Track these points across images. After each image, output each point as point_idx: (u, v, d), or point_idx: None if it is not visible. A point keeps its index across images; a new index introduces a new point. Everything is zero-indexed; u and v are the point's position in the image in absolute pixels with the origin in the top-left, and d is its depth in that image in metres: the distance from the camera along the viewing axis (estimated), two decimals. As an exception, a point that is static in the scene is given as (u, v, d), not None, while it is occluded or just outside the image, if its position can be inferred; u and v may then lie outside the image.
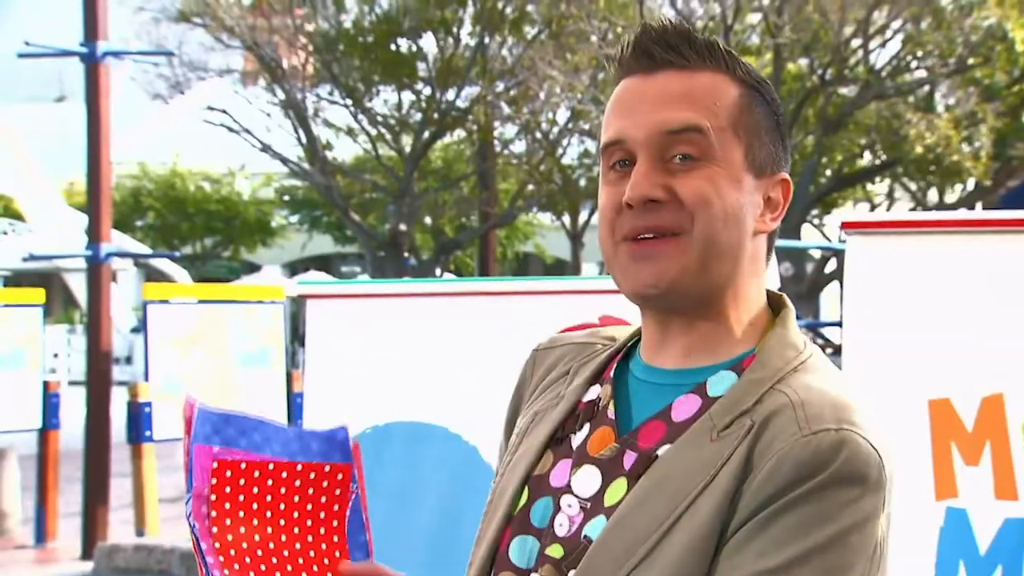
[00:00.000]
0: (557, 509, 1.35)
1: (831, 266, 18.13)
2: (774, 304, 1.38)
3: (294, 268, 31.17)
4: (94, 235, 9.61)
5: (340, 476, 1.33)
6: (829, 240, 20.99)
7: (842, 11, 16.05)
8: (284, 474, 1.31)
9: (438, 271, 20.09)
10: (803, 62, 18.14)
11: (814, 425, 1.25)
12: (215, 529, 1.31)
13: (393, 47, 18.56)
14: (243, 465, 1.31)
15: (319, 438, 1.33)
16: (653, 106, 1.33)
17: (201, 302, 8.43)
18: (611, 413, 1.36)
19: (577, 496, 1.34)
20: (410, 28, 18.42)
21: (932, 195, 20.70)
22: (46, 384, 9.13)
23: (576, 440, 1.37)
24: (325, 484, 1.32)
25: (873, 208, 21.76)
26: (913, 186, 20.75)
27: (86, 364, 9.64)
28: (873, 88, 16.96)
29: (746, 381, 1.31)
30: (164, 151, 29.42)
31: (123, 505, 9.60)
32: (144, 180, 29.19)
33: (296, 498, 1.32)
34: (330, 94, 18.94)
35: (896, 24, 17.03)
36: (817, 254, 18.68)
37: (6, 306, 8.82)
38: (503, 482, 1.39)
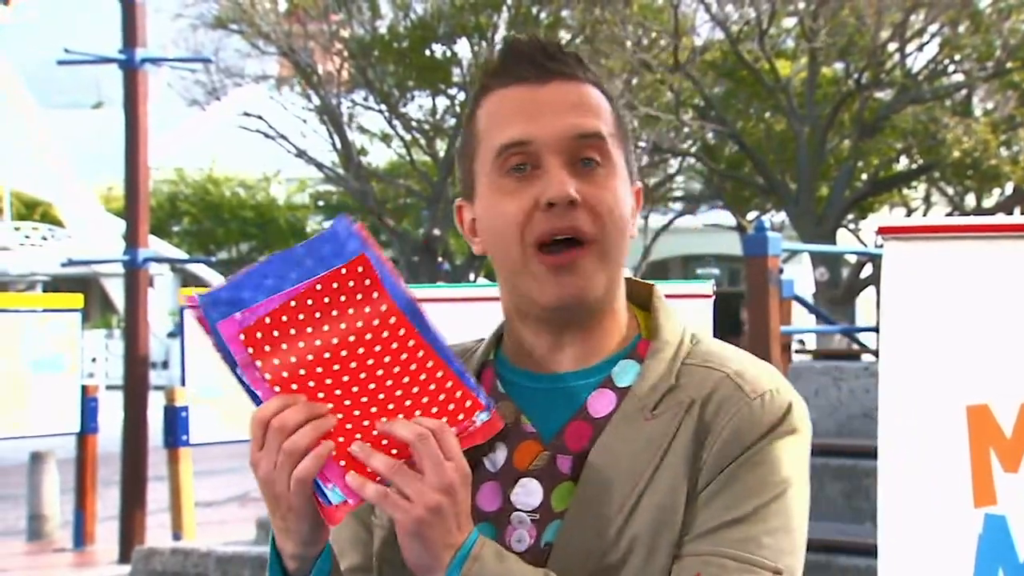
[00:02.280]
0: (504, 529, 1.36)
1: (867, 271, 18.02)
2: (639, 290, 1.44)
3: (329, 273, 31.32)
4: (132, 240, 9.69)
5: (360, 268, 1.30)
6: (865, 245, 20.86)
7: (878, 15, 15.95)
8: (309, 301, 1.29)
9: (472, 276, 20.13)
10: (839, 66, 18.05)
11: (758, 389, 1.36)
12: (268, 376, 1.28)
13: (428, 52, 18.63)
14: (267, 320, 1.28)
15: (325, 239, 1.31)
16: (557, 112, 1.36)
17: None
18: (529, 426, 1.38)
19: (523, 511, 1.36)
20: (445, 33, 18.47)
21: (970, 200, 20.53)
22: (84, 388, 9.21)
23: (494, 462, 1.38)
24: (351, 284, 1.30)
25: (910, 213, 21.62)
26: (950, 190, 20.59)
27: (123, 368, 9.72)
28: (910, 92, 16.85)
29: (655, 361, 1.38)
30: (200, 157, 29.64)
31: (160, 509, 9.67)
32: (181, 185, 29.42)
33: (334, 312, 1.29)
34: (365, 99, 19.03)
35: (933, 27, 16.91)
36: (853, 259, 18.57)
37: (45, 311, 8.91)
38: None
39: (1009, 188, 18.99)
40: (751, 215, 19.83)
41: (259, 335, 1.28)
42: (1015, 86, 17.12)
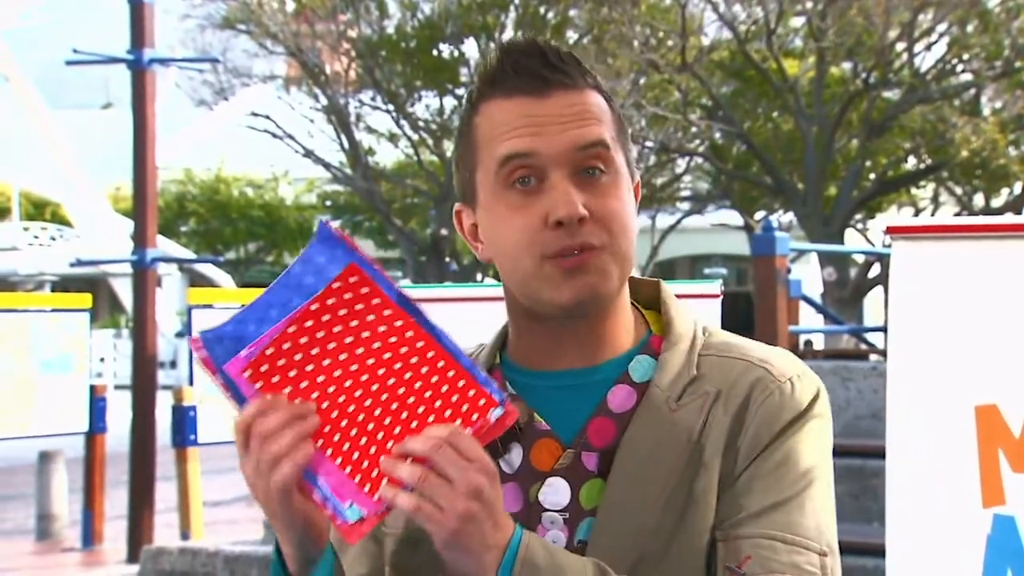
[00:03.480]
0: (536, 528, 1.36)
1: (875, 271, 17.99)
2: (644, 287, 1.46)
3: (337, 273, 31.37)
4: (140, 240, 9.70)
5: (353, 279, 1.28)
6: (873, 245, 20.84)
7: (886, 14, 15.93)
8: (308, 323, 1.27)
9: (479, 276, 20.13)
10: (847, 66, 18.02)
11: (786, 373, 1.39)
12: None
13: (435, 52, 18.64)
14: (270, 351, 1.27)
15: (315, 251, 1.29)
16: (560, 125, 1.35)
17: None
18: (543, 425, 1.38)
19: (553, 511, 1.36)
20: (452, 33, 18.48)
21: (978, 199, 20.49)
22: (93, 388, 9.22)
23: (511, 463, 1.38)
24: (348, 296, 1.28)
25: (918, 213, 21.58)
26: (959, 190, 20.56)
27: (132, 368, 9.74)
28: (918, 92, 16.83)
29: (672, 354, 1.39)
30: (208, 157, 29.69)
31: (168, 508, 9.68)
32: (189, 185, 29.48)
33: (336, 328, 1.27)
34: (372, 99, 19.05)
35: (942, 27, 16.88)
36: (861, 259, 18.54)
37: (54, 311, 8.93)
38: None
39: (1018, 188, 18.95)
40: (759, 215, 19.81)
41: (264, 368, 1.27)
42: (1023, 85, 17.08)
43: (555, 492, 1.36)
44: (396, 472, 1.24)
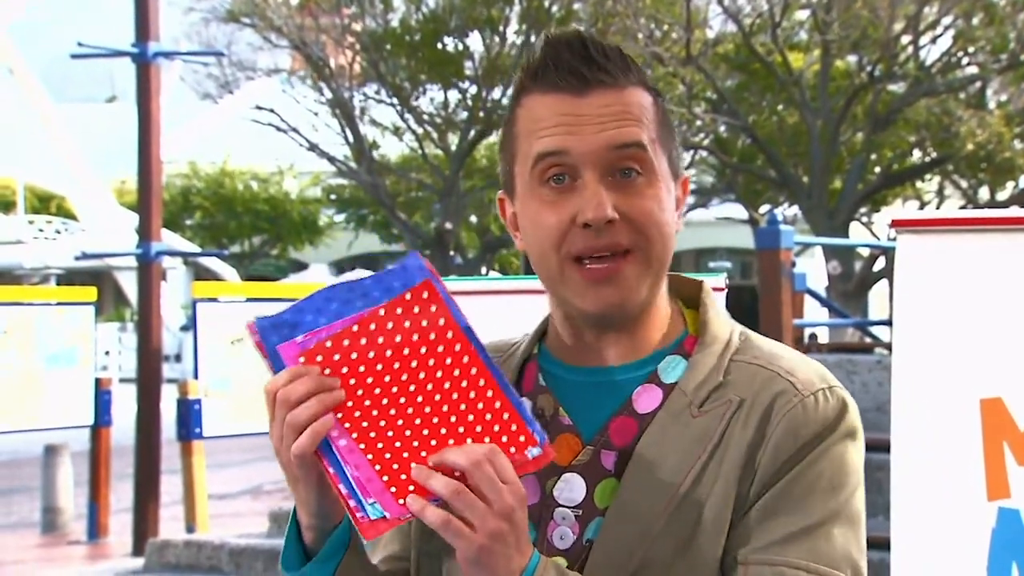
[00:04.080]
0: (546, 525, 1.36)
1: (879, 264, 17.98)
2: (687, 287, 1.44)
3: (341, 266, 31.37)
4: (145, 234, 9.72)
5: (426, 294, 1.29)
6: (877, 238, 20.81)
7: (891, 7, 15.90)
8: (372, 326, 1.27)
9: (483, 269, 20.13)
10: (852, 59, 17.99)
11: (810, 387, 1.34)
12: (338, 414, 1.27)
13: (440, 46, 18.62)
14: (328, 343, 1.27)
15: (395, 274, 1.30)
16: (596, 124, 1.34)
17: (249, 300, 8.50)
18: (566, 419, 1.38)
19: (566, 507, 1.35)
20: (457, 27, 18.47)
21: (983, 192, 20.46)
22: (98, 381, 9.24)
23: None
24: (416, 309, 1.28)
25: (923, 206, 21.56)
26: (964, 183, 20.53)
27: (137, 362, 9.75)
28: (923, 84, 16.80)
29: (702, 356, 1.37)
30: (213, 150, 29.70)
31: (173, 501, 9.70)
32: (194, 179, 29.48)
33: (397, 338, 1.28)
34: (377, 93, 19.04)
35: (947, 20, 16.84)
36: (865, 252, 18.52)
37: (59, 304, 8.94)
38: None
39: (1023, 181, 18.92)
40: (763, 208, 19.79)
41: (319, 358, 1.27)
42: (1029, 78, 17.05)
43: (570, 488, 1.36)
44: (430, 482, 1.24)
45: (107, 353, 24.32)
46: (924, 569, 2.47)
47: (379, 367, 1.28)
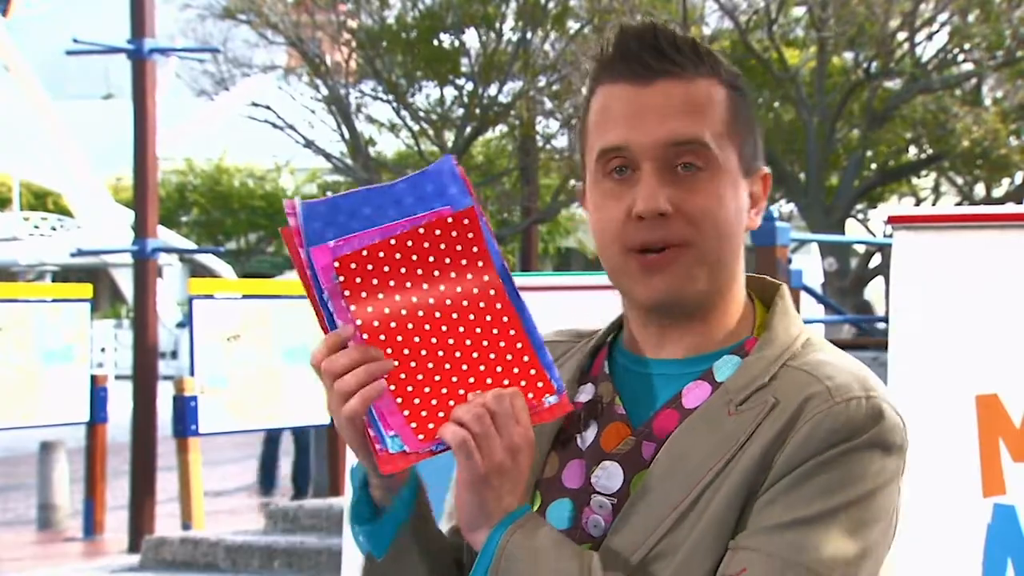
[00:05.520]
0: (582, 510, 1.36)
1: (876, 261, 17.98)
2: (767, 289, 1.43)
3: (338, 263, 31.37)
4: (141, 230, 9.71)
5: (467, 221, 1.28)
6: (874, 235, 20.82)
7: (888, 4, 15.90)
8: (409, 243, 1.27)
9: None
10: (848, 55, 17.99)
11: (844, 394, 1.31)
12: (359, 322, 1.28)
13: (436, 43, 18.61)
14: (364, 253, 1.27)
15: (428, 177, 1.29)
16: (658, 117, 1.34)
17: (245, 297, 8.49)
18: (620, 408, 1.38)
19: (604, 494, 1.35)
20: (453, 23, 18.45)
21: (979, 189, 20.47)
22: (94, 378, 9.22)
23: (584, 440, 1.39)
24: (455, 236, 1.28)
25: (919, 203, 21.57)
26: (960, 180, 20.54)
27: (133, 358, 9.74)
28: (919, 81, 16.80)
29: (757, 358, 1.36)
30: (209, 147, 29.66)
31: (169, 498, 9.69)
32: (189, 176, 29.45)
33: (436, 272, 1.28)
34: (373, 90, 19.02)
35: (943, 16, 16.85)
36: (862, 249, 18.53)
37: (55, 301, 8.92)
38: None
39: (1019, 178, 18.93)
40: (760, 205, 19.76)
41: (353, 266, 1.27)
42: (1025, 75, 17.06)
43: (608, 476, 1.36)
44: (456, 411, 1.27)
45: (103, 350, 24.29)
46: (920, 565, 2.47)
47: (414, 299, 1.28)
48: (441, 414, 1.27)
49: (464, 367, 1.28)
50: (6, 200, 28.11)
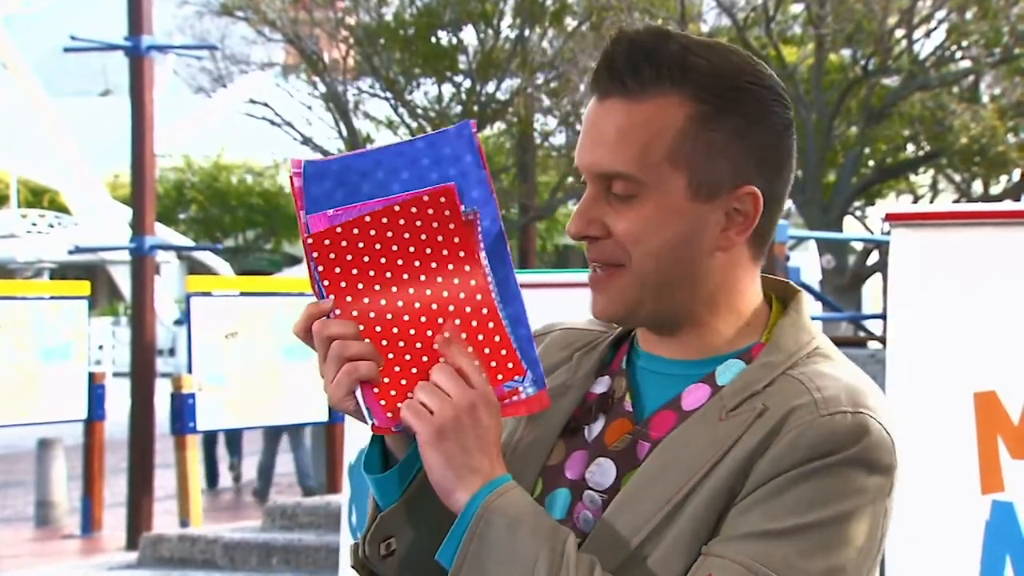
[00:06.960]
0: (577, 502, 1.36)
1: (873, 258, 17.99)
2: (782, 294, 1.41)
3: (335, 261, 31.35)
4: (138, 228, 9.70)
5: (442, 199, 1.26)
6: (871, 232, 20.83)
7: (886, 1, 15.90)
8: (384, 220, 1.26)
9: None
10: (846, 52, 17.99)
11: (831, 407, 1.28)
12: (327, 283, 1.27)
13: (434, 40, 18.60)
14: (338, 230, 1.26)
15: (447, 139, 1.28)
16: (592, 144, 1.33)
17: (243, 295, 8.49)
18: (628, 405, 1.38)
19: (596, 490, 1.35)
20: (451, 20, 18.44)
21: (977, 186, 20.48)
22: (92, 376, 9.22)
23: (591, 432, 1.38)
24: (430, 212, 1.26)
25: (917, 200, 21.57)
26: (957, 177, 20.54)
27: (130, 356, 9.74)
28: (917, 78, 16.80)
29: (758, 365, 1.34)
30: (207, 144, 29.64)
31: (167, 496, 9.70)
32: (187, 173, 29.43)
33: (406, 235, 1.27)
34: (371, 87, 19.01)
35: (941, 14, 16.85)
36: (859, 246, 18.53)
37: (53, 298, 8.92)
38: (512, 468, 1.35)
39: (1017, 175, 18.94)
40: (758, 202, 19.76)
41: (327, 242, 1.26)
42: (1023, 72, 17.06)
43: (602, 472, 1.35)
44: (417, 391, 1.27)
45: (101, 347, 24.27)
46: (918, 562, 2.48)
47: (382, 261, 1.27)
48: (410, 394, 1.28)
49: (436, 346, 1.28)
50: (4, 197, 28.09)
